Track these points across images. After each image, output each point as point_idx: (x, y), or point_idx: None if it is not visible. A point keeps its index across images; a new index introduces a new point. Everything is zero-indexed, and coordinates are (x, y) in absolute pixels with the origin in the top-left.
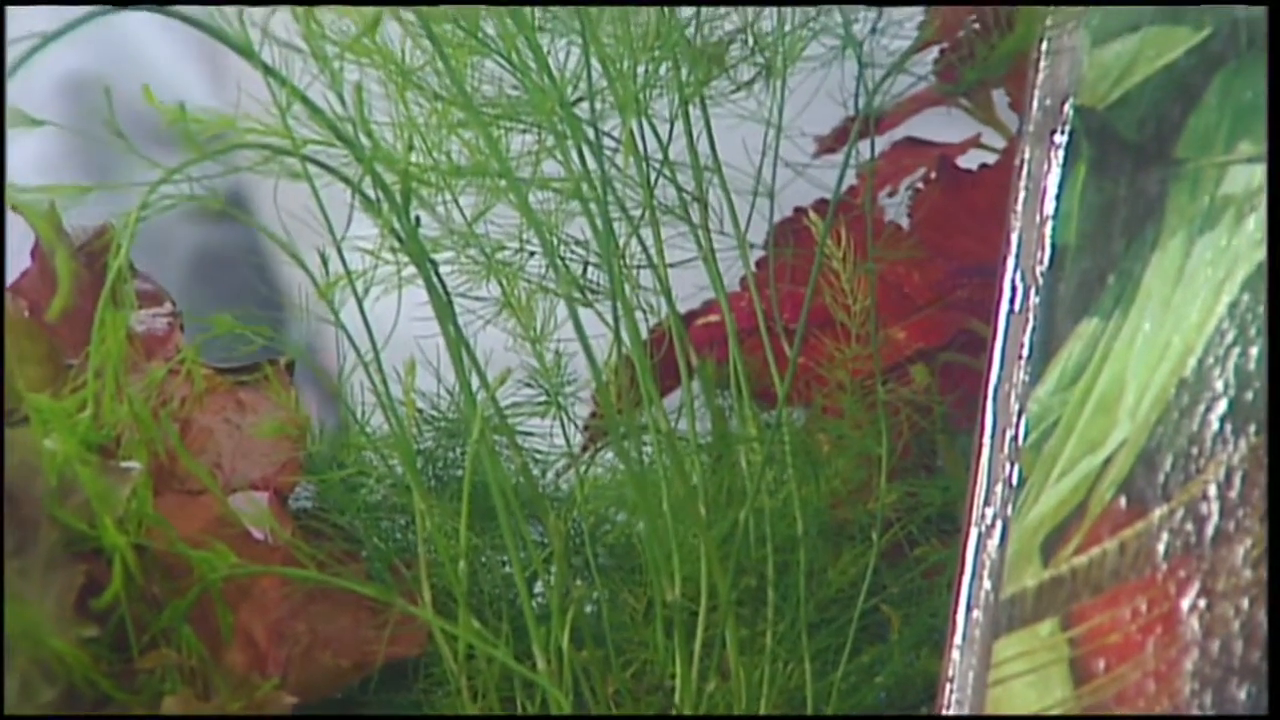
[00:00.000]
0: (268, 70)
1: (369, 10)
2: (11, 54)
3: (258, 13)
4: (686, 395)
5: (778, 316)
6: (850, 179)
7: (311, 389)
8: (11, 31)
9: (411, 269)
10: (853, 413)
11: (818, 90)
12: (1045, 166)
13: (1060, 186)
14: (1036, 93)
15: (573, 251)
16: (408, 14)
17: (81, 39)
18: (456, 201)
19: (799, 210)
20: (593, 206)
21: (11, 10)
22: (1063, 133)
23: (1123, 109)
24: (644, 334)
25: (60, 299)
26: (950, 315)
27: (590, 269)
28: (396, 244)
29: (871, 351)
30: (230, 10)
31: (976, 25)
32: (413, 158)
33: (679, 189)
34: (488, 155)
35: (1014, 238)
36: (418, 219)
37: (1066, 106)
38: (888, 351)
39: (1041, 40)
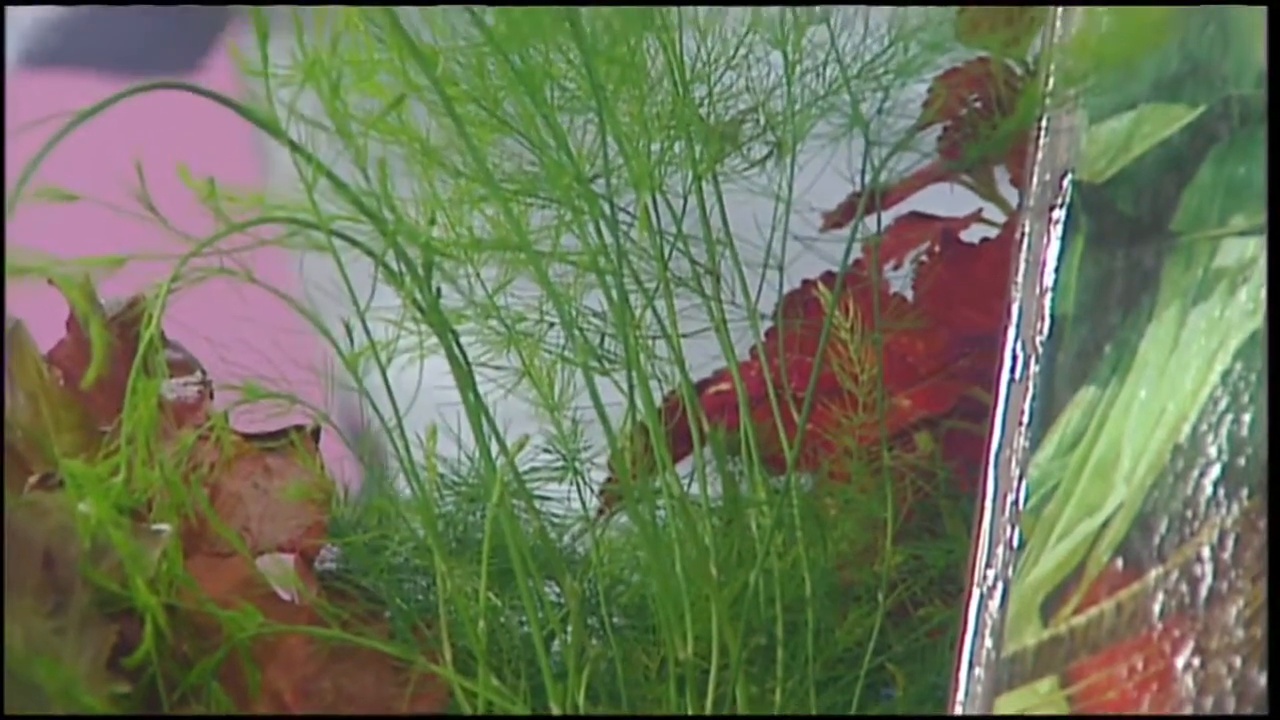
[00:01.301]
0: (294, 146)
1: (392, 90)
2: (48, 131)
3: (285, 90)
4: (699, 461)
5: (787, 385)
6: (857, 252)
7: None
8: (50, 106)
9: (434, 339)
10: (859, 478)
11: (825, 167)
12: (1045, 240)
13: (1059, 259)
14: (1036, 169)
15: (590, 322)
16: (431, 94)
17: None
18: (478, 274)
19: (807, 282)
20: (609, 279)
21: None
22: (1061, 207)
23: (1120, 185)
24: (658, 402)
25: (94, 368)
26: (953, 384)
27: (606, 339)
28: (419, 315)
29: (877, 419)
30: (258, 87)
31: (979, 104)
32: (435, 232)
33: (692, 262)
34: (508, 229)
35: (1014, 309)
36: (439, 290)
37: (1065, 182)
38: (893, 419)
39: (1041, 118)
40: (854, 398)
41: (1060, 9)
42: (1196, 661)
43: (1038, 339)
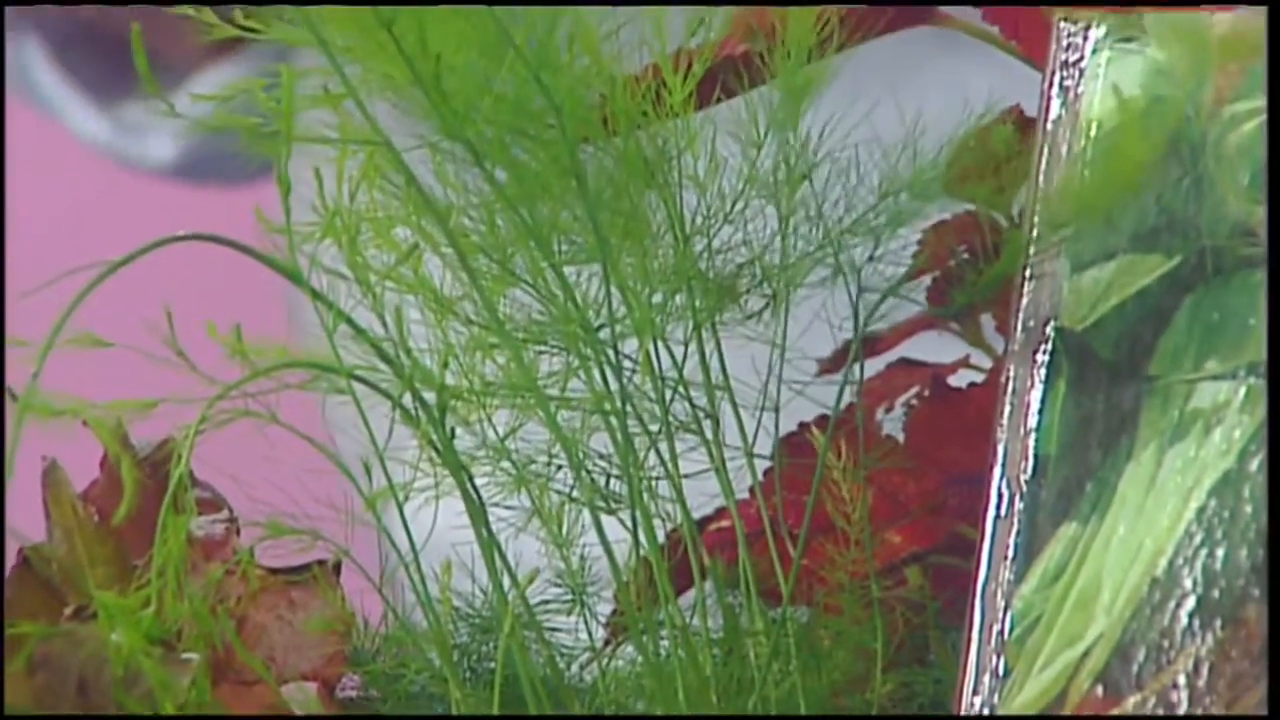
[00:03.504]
0: (315, 294)
1: (408, 242)
2: (79, 280)
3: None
4: (699, 594)
5: (783, 522)
6: (849, 397)
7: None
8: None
9: (449, 478)
10: (851, 610)
11: (819, 313)
12: (1028, 383)
13: (1042, 401)
14: (1020, 316)
15: (596, 463)
16: (445, 246)
17: None
18: (489, 418)
19: (802, 425)
20: (614, 422)
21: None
22: (1044, 352)
23: (1099, 330)
24: (661, 538)
25: (125, 506)
26: (941, 521)
27: (612, 479)
28: (435, 456)
29: (868, 555)
30: (280, 238)
31: (965, 254)
32: (450, 377)
33: (692, 406)
34: (518, 375)
35: (1000, 448)
36: (454, 432)
37: (1048, 328)
38: (883, 554)
39: (1025, 267)
40: (846, 535)
41: (1043, 160)
42: None
43: (1022, 477)
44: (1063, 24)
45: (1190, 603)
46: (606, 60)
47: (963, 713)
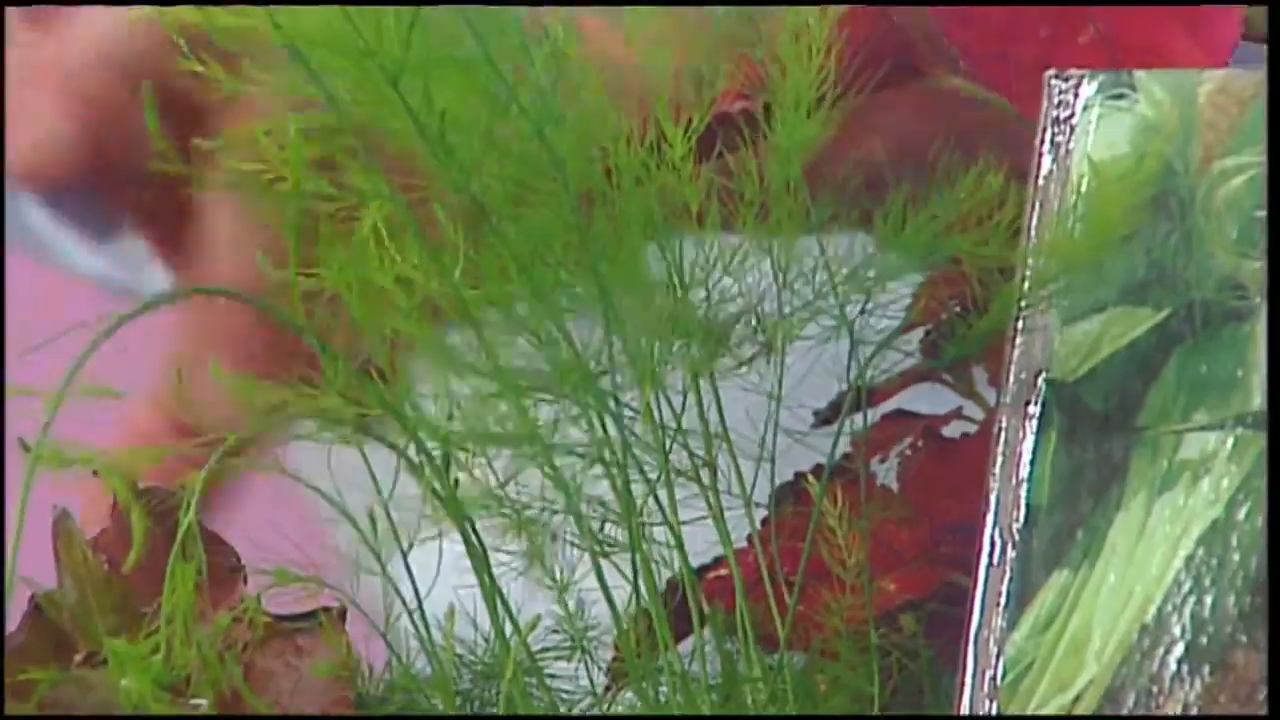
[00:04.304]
0: (321, 348)
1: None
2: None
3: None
4: (698, 640)
5: (780, 570)
6: (844, 446)
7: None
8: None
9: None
10: (847, 656)
11: (815, 365)
12: (1020, 434)
13: (1034, 452)
14: (1012, 368)
15: (595, 510)
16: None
17: None
18: (491, 466)
19: (799, 474)
20: (613, 470)
21: None
22: (1036, 404)
23: (1090, 382)
24: (660, 585)
25: (134, 554)
26: (935, 569)
27: (611, 527)
28: (438, 504)
29: (867, 601)
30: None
31: (958, 308)
32: (453, 426)
33: (691, 454)
34: (520, 424)
35: (993, 498)
36: (457, 481)
37: (1039, 380)
38: (879, 601)
39: (1016, 320)
40: (842, 582)
41: (1035, 214)
42: None
43: (1014, 526)
44: (1054, 81)
45: (1179, 649)
46: (609, 112)
47: None
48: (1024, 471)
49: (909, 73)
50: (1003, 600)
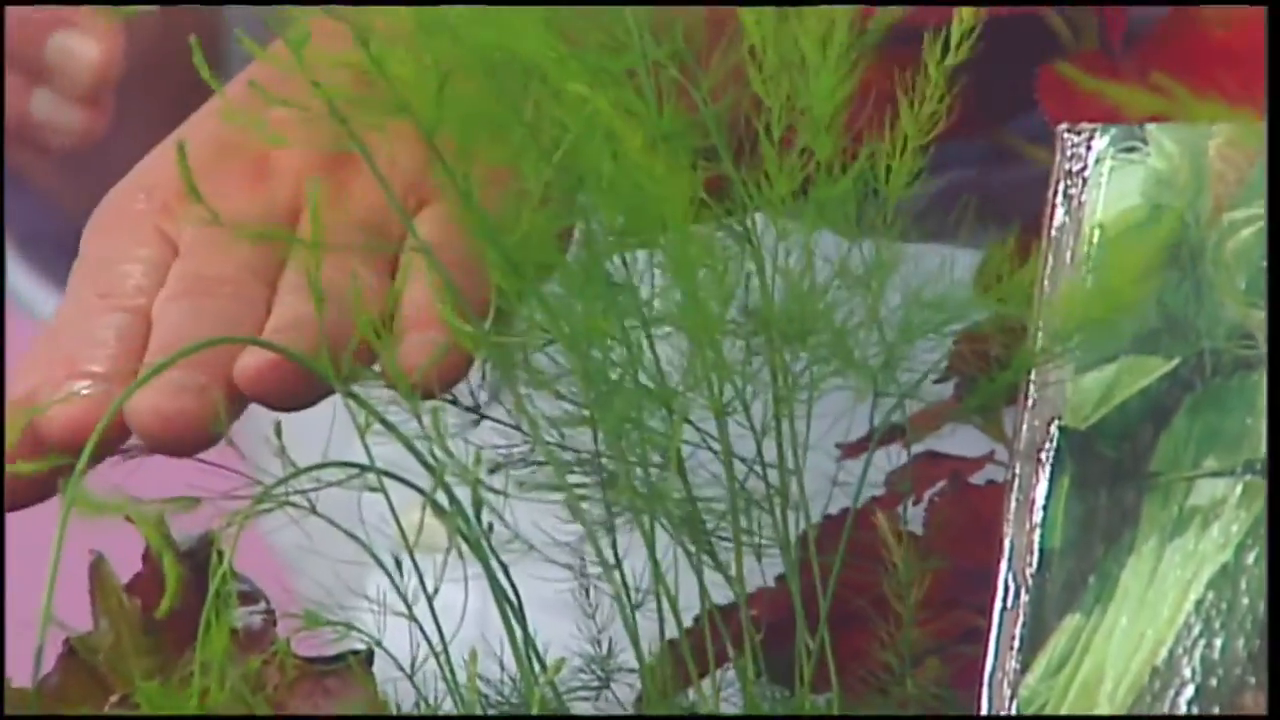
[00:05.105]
0: (350, 394)
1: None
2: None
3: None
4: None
5: (800, 611)
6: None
7: None
8: None
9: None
10: (870, 697)
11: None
12: (1034, 480)
13: (1047, 497)
14: (1026, 415)
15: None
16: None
17: None
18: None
19: (828, 518)
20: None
21: None
22: (1049, 450)
23: (1102, 429)
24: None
25: (167, 599)
26: (959, 614)
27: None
28: (465, 547)
29: (906, 641)
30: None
31: (981, 361)
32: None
33: (766, 483)
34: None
35: (1007, 543)
36: (491, 526)
37: (1052, 427)
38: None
39: (1029, 372)
40: (869, 624)
41: (1048, 266)
42: None
43: (1028, 570)
44: (1066, 134)
45: (1189, 691)
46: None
47: None
48: (1037, 517)
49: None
50: (1016, 643)
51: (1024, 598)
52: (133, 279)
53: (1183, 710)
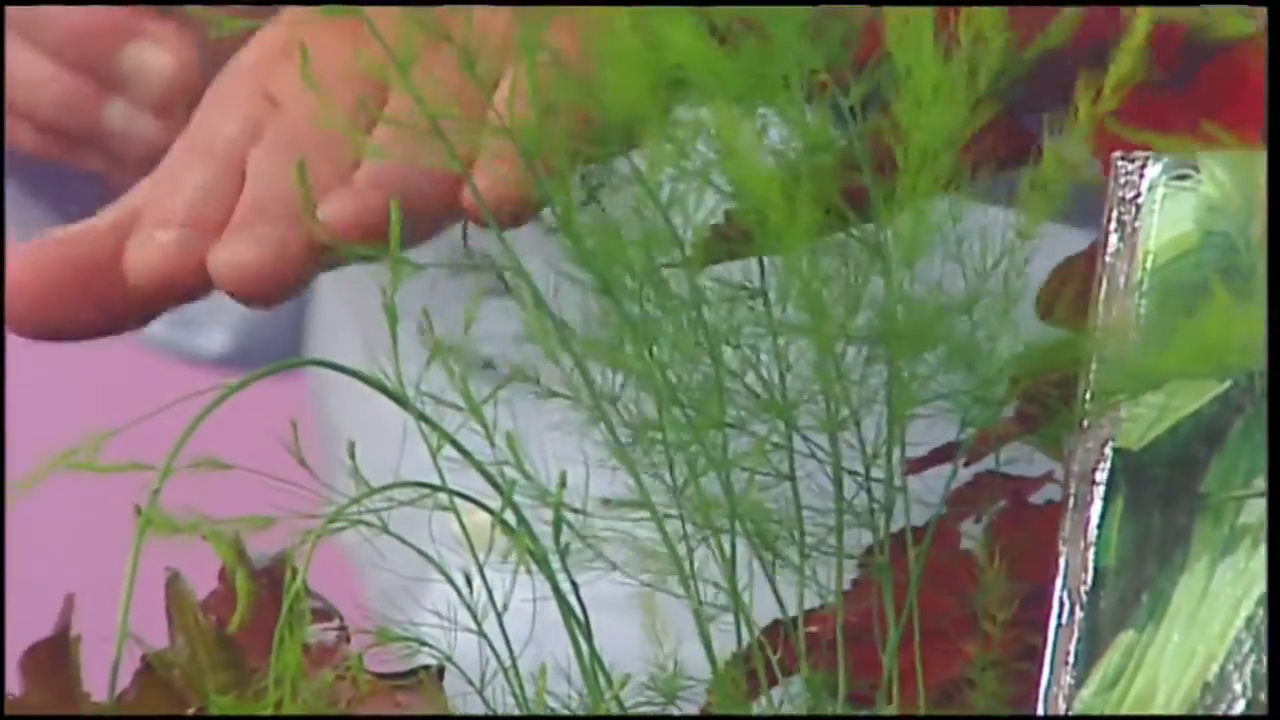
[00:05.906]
0: (422, 417)
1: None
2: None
3: (411, 369)
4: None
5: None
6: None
7: None
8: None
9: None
10: (929, 710)
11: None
12: (1088, 500)
13: (1102, 517)
14: (1081, 438)
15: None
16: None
17: None
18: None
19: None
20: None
21: None
22: (1103, 471)
23: (1155, 451)
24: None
25: (239, 616)
26: (1018, 632)
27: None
28: (533, 567)
29: (978, 654)
30: (386, 362)
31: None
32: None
33: (870, 497)
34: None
35: (1062, 561)
36: (568, 546)
37: (1106, 449)
38: (964, 660)
39: (1084, 392)
40: (926, 640)
41: (1102, 292)
42: None
43: (1083, 588)
44: (1120, 162)
45: (1240, 706)
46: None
47: None
48: (1092, 536)
49: None
50: (1071, 659)
51: (1079, 614)
52: (228, 132)
53: None
